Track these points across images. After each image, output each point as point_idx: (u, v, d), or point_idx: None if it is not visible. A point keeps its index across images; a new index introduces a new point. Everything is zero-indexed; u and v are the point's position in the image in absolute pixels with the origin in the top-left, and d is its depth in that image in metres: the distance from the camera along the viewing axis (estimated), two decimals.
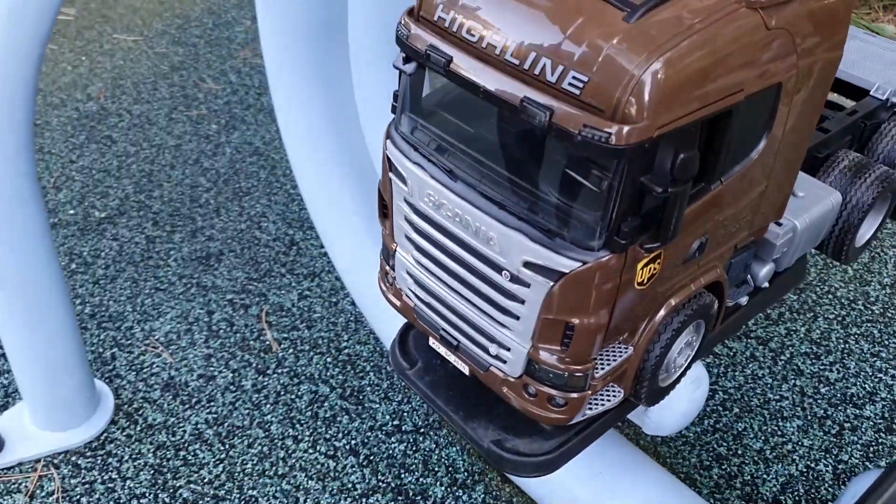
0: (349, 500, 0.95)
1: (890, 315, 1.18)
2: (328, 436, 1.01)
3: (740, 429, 1.03)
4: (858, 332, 1.15)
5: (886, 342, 1.14)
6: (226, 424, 1.02)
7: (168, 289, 1.18)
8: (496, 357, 0.60)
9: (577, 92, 0.48)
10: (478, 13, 0.52)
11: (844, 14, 0.58)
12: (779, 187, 0.64)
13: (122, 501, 0.94)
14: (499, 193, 0.54)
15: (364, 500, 0.95)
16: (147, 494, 0.95)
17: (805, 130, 0.63)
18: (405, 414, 1.03)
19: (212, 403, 1.04)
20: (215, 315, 1.15)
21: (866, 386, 1.08)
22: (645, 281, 0.56)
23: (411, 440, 1.00)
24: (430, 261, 0.60)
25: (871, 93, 0.83)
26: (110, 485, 0.96)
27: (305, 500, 0.94)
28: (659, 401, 0.67)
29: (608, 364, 0.59)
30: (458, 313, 0.61)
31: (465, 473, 0.97)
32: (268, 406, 1.04)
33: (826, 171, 0.76)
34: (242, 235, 1.27)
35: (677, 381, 0.67)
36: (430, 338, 0.65)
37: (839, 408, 1.06)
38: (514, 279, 0.55)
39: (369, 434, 1.01)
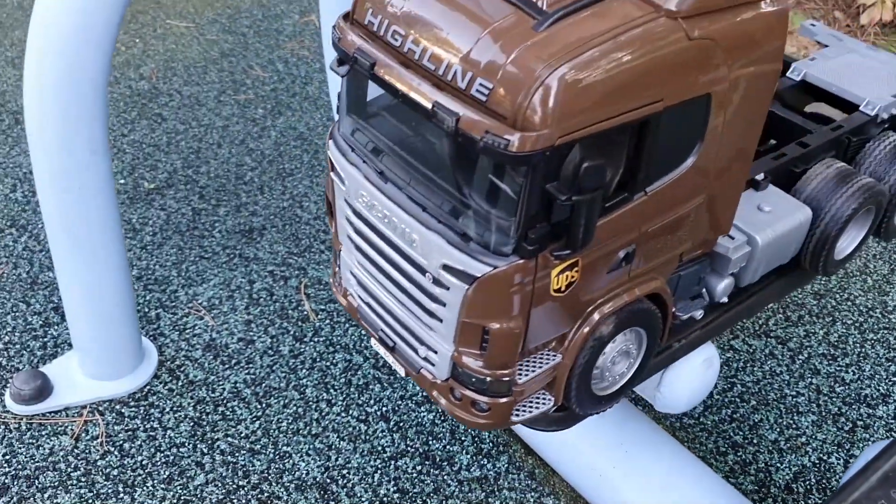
0: (378, 461, 0.99)
1: None
2: (360, 402, 1.05)
3: (756, 420, 1.07)
4: (875, 337, 1.19)
5: None
6: (263, 385, 1.07)
7: (212, 258, 1.24)
8: (425, 359, 0.62)
9: (484, 99, 0.49)
10: (403, 18, 0.54)
11: (779, 25, 0.58)
12: (721, 201, 0.64)
13: (162, 449, 0.99)
14: (422, 196, 0.56)
15: (392, 462, 0.99)
16: (186, 444, 1.00)
17: (746, 143, 0.62)
18: None
19: (250, 365, 1.09)
20: (256, 284, 1.20)
21: (880, 388, 1.12)
22: (562, 288, 0.56)
23: (440, 411, 1.05)
24: (367, 261, 0.63)
25: (860, 108, 0.82)
26: (151, 433, 1.01)
27: (337, 459, 0.99)
28: (600, 410, 0.66)
29: (533, 371, 0.59)
30: (393, 315, 0.63)
31: (490, 444, 1.01)
32: (303, 371, 1.09)
33: (807, 180, 0.75)
34: (284, 213, 1.32)
35: (623, 390, 0.66)
36: (372, 334, 0.66)
37: (853, 406, 1.09)
38: (436, 281, 0.57)
39: (400, 402, 1.05)
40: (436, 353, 0.60)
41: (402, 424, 1.03)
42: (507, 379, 0.58)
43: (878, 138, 0.81)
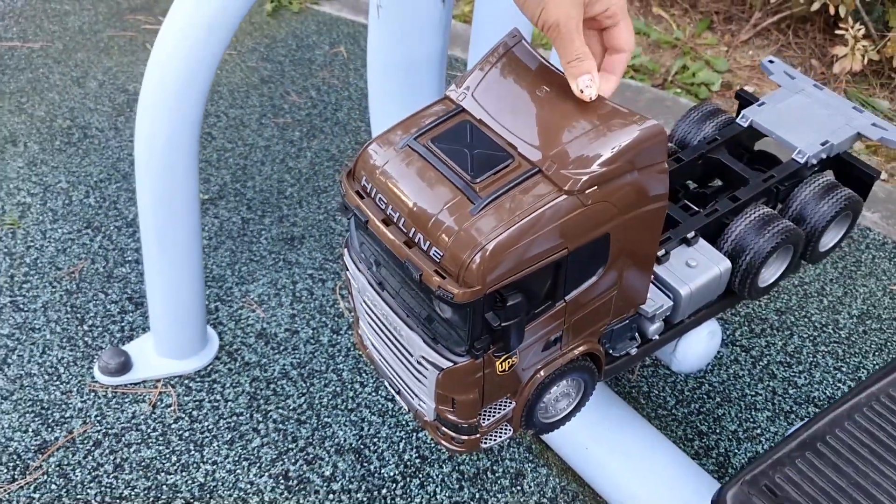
0: (403, 433, 1.19)
1: (853, 339, 1.41)
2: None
3: (720, 413, 1.27)
4: (826, 349, 1.39)
5: (847, 360, 1.37)
6: (307, 368, 1.27)
7: (260, 260, 1.44)
8: (420, 405, 0.80)
9: (438, 260, 0.66)
10: (385, 189, 0.70)
11: (661, 183, 0.71)
12: (631, 289, 0.79)
13: (224, 416, 1.19)
14: (406, 304, 0.74)
15: (415, 434, 1.19)
16: (244, 413, 1.20)
17: (645, 254, 0.77)
18: None
19: (296, 351, 1.29)
20: (298, 284, 1.40)
21: (827, 391, 1.32)
22: (506, 370, 0.73)
23: None
24: (377, 333, 0.82)
25: (792, 156, 0.96)
26: (215, 403, 1.20)
27: (369, 429, 1.19)
28: (552, 430, 0.85)
29: (493, 416, 0.78)
30: (396, 371, 0.82)
31: None
32: (340, 358, 1.29)
33: (736, 223, 0.90)
34: (320, 225, 1.52)
35: (569, 417, 0.86)
36: (384, 380, 0.86)
37: (802, 406, 1.29)
38: (419, 362, 0.75)
39: None
40: (424, 403, 0.79)
41: None
42: (473, 424, 0.78)
43: (808, 181, 0.95)
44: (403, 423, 1.20)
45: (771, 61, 1.09)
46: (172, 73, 1.01)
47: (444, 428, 0.79)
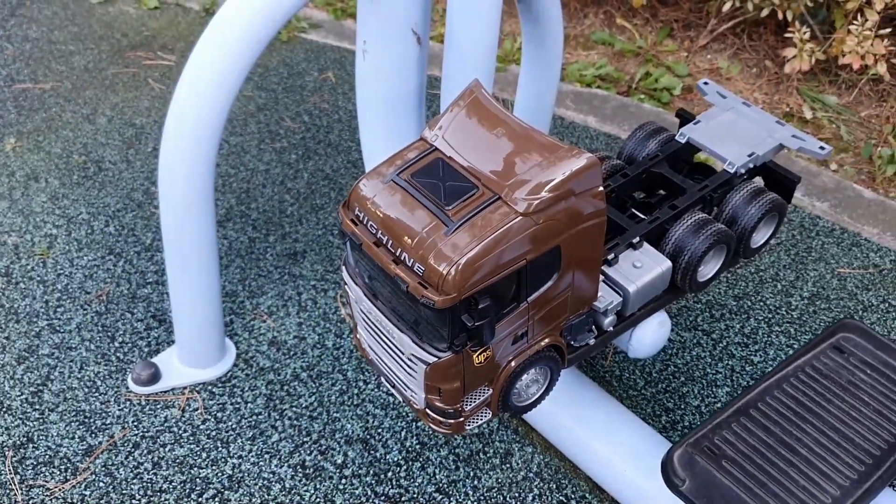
0: (404, 423, 1.35)
1: (804, 319, 1.57)
2: None
3: (684, 391, 1.43)
4: (779, 329, 1.55)
5: (799, 338, 1.54)
6: (315, 370, 1.42)
7: (267, 275, 1.59)
8: (412, 396, 0.95)
9: (421, 274, 0.81)
10: (375, 218, 0.86)
11: (599, 203, 0.87)
12: (583, 289, 0.94)
13: (245, 416, 1.35)
14: (396, 311, 0.89)
15: (414, 423, 1.35)
16: (262, 413, 1.35)
17: (591, 261, 0.92)
18: None
19: (304, 355, 1.45)
20: (303, 295, 1.56)
21: None
22: (483, 362, 0.88)
23: None
24: (373, 337, 0.97)
25: (724, 167, 1.11)
26: (236, 405, 1.36)
27: (373, 421, 1.35)
28: (526, 412, 1.01)
29: (474, 402, 0.93)
30: (390, 368, 0.97)
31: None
32: (344, 359, 1.44)
33: (675, 228, 1.04)
34: (320, 239, 1.68)
35: (539, 400, 1.01)
36: (381, 377, 1.02)
37: None
38: (409, 359, 0.90)
39: None
40: (416, 394, 0.95)
41: None
42: (458, 409, 0.93)
43: (738, 188, 1.10)
44: (403, 414, 1.36)
45: (706, 83, 1.26)
46: (191, 117, 1.16)
47: (433, 414, 0.95)
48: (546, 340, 0.94)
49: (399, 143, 1.06)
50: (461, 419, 0.94)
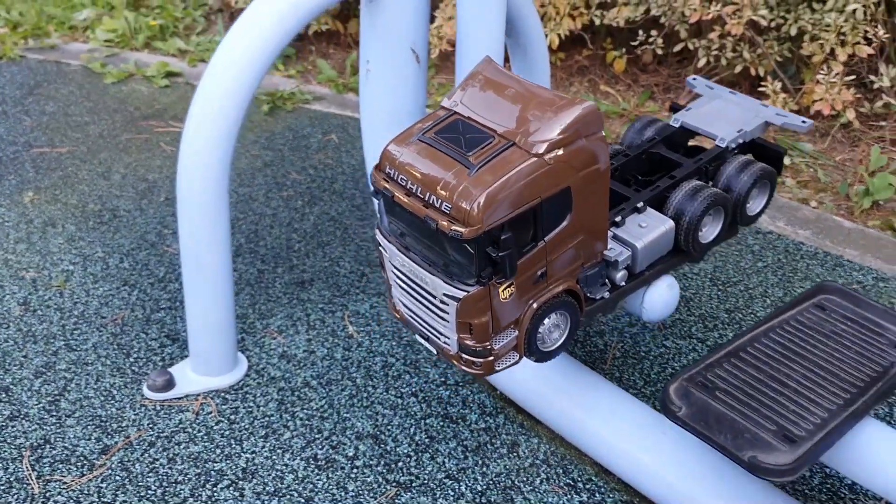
0: (412, 420, 1.39)
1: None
2: (396, 386, 1.46)
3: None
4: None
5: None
6: (325, 378, 1.47)
7: (276, 300, 1.66)
8: (445, 343, 1.01)
9: (448, 211, 0.90)
10: (404, 170, 0.95)
11: (602, 149, 0.96)
12: (592, 236, 1.02)
13: (258, 418, 1.39)
14: (429, 258, 0.97)
15: (423, 420, 1.39)
16: (274, 415, 1.39)
17: (599, 206, 1.00)
18: (448, 374, 1.49)
19: (314, 366, 1.50)
20: (311, 316, 1.62)
21: None
22: (508, 297, 0.95)
23: (454, 389, 1.45)
24: (407, 291, 1.04)
25: (715, 142, 1.22)
26: (249, 409, 1.40)
27: (383, 420, 1.39)
28: (550, 358, 1.06)
29: (502, 342, 0.99)
30: (424, 320, 1.04)
31: (492, 407, 1.42)
32: (353, 368, 1.49)
33: (675, 194, 1.13)
34: (326, 270, 1.75)
35: (563, 345, 1.06)
36: (415, 333, 1.08)
37: None
38: (441, 301, 0.96)
39: (424, 385, 1.46)
40: (449, 338, 1.02)
41: (427, 398, 1.43)
42: (488, 347, 0.99)
43: (729, 160, 1.20)
44: (413, 413, 1.40)
45: (694, 78, 1.38)
46: (210, 116, 1.27)
47: (465, 356, 1.01)
48: (563, 285, 1.01)
49: None
50: (491, 358, 1.00)
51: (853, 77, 2.20)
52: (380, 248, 1.06)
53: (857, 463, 0.99)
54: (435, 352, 1.07)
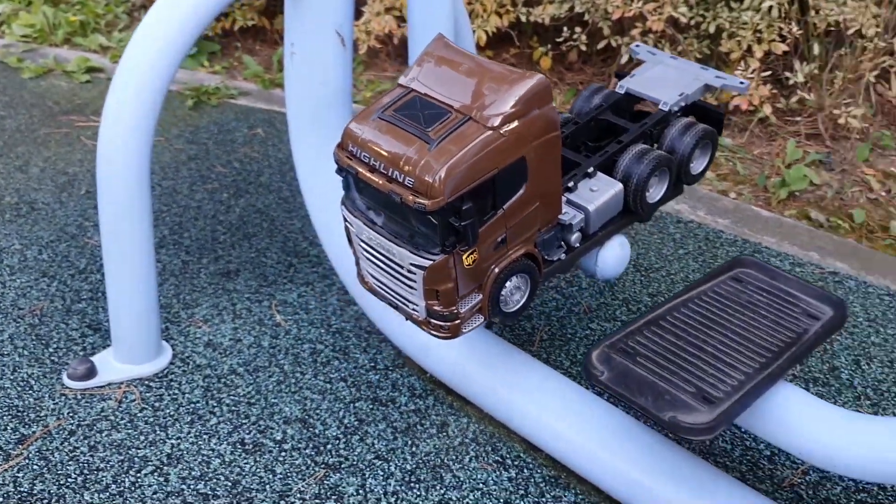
0: (342, 404, 1.38)
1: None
2: (325, 371, 1.45)
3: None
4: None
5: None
6: (252, 365, 1.46)
7: (202, 290, 1.64)
8: (413, 309, 1.06)
9: (411, 185, 0.94)
10: (366, 147, 1.00)
11: (553, 120, 1.01)
12: (547, 204, 1.06)
13: (183, 404, 1.36)
14: (394, 230, 1.01)
15: (352, 404, 1.38)
16: (200, 401, 1.37)
17: (552, 173, 1.04)
18: (378, 359, 1.48)
19: (241, 354, 1.48)
20: (237, 305, 1.60)
21: None
22: (471, 263, 1.00)
23: (383, 373, 1.45)
24: (375, 263, 1.08)
25: (659, 106, 1.27)
26: (174, 396, 1.38)
27: (311, 404, 1.38)
28: (514, 319, 1.13)
29: (467, 305, 1.04)
30: (392, 289, 1.07)
31: (421, 389, 1.42)
32: (281, 355, 1.48)
33: (622, 158, 1.18)
34: (253, 261, 1.74)
35: (525, 306, 1.10)
36: (385, 302, 1.11)
37: None
38: (409, 271, 1.01)
39: (353, 370, 1.46)
40: (417, 305, 1.06)
41: (356, 382, 1.43)
42: (454, 311, 1.04)
43: (672, 123, 1.25)
44: (342, 397, 1.40)
45: (637, 45, 1.41)
46: (131, 93, 1.25)
47: (433, 321, 1.05)
48: (522, 249, 1.06)
49: (329, 141, 1.17)
50: (458, 322, 1.04)
51: (769, 73, 2.28)
52: (346, 223, 1.09)
53: (772, 424, 1.02)
54: (404, 318, 1.10)
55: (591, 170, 1.19)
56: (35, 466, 1.25)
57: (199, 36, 1.30)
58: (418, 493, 1.24)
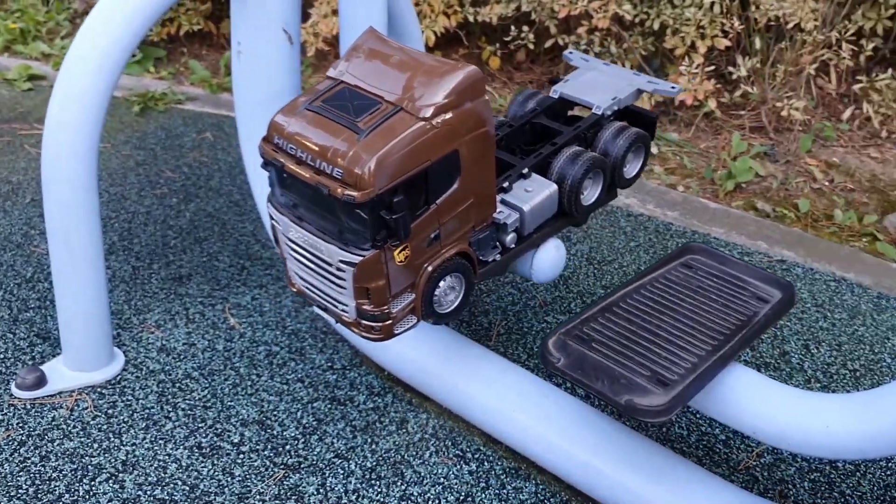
0: (299, 405, 1.37)
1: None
2: (281, 373, 1.44)
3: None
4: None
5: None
6: (207, 369, 1.44)
7: (153, 296, 1.61)
8: (343, 310, 1.02)
9: (340, 177, 0.91)
10: (293, 139, 0.95)
11: (486, 112, 0.99)
12: (481, 198, 1.04)
13: (137, 410, 1.34)
14: (323, 226, 0.97)
15: (310, 404, 1.37)
16: (155, 406, 1.35)
17: (486, 168, 1.02)
18: (335, 359, 1.48)
19: (195, 358, 1.46)
20: (190, 310, 1.58)
21: None
22: (403, 260, 0.97)
23: (341, 373, 1.45)
24: (303, 263, 1.04)
25: (592, 110, 1.27)
26: (127, 402, 1.36)
27: (269, 406, 1.37)
28: (448, 321, 1.10)
29: (399, 305, 1.00)
30: (321, 290, 1.04)
31: (380, 387, 1.42)
32: (237, 358, 1.47)
33: (556, 160, 1.17)
34: (205, 265, 1.72)
35: (459, 308, 1.08)
36: (314, 305, 1.08)
37: None
38: (338, 268, 0.97)
39: (310, 370, 1.45)
40: (347, 306, 1.02)
41: (314, 383, 1.42)
42: (385, 311, 1.00)
43: (606, 127, 1.25)
44: (299, 398, 1.39)
45: (570, 52, 1.42)
46: (76, 91, 1.23)
47: (364, 322, 1.02)
48: (457, 248, 1.04)
49: None
50: (389, 322, 1.01)
51: (713, 68, 2.33)
52: (273, 221, 1.06)
53: (726, 404, 1.04)
54: (334, 321, 1.07)
55: (525, 171, 1.17)
56: None
57: (142, 37, 1.28)
58: (379, 489, 1.24)
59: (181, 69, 2.69)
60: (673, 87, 1.31)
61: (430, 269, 1.01)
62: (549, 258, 1.18)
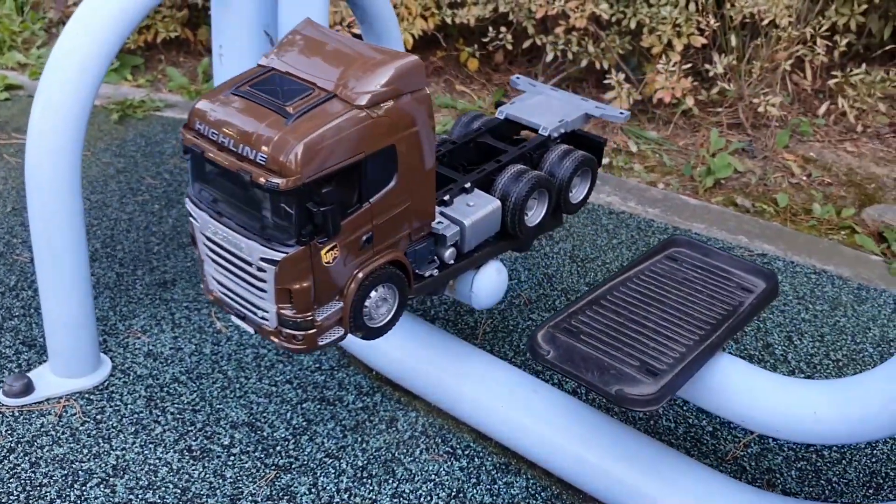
0: (289, 406, 1.37)
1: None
2: (270, 374, 1.44)
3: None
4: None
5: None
6: (195, 372, 1.43)
7: (139, 301, 1.61)
8: (263, 318, 0.95)
9: (264, 162, 0.85)
10: (215, 125, 0.90)
11: (427, 108, 0.94)
12: (420, 203, 0.98)
13: (126, 415, 1.34)
14: (243, 221, 0.91)
15: (299, 405, 1.37)
16: (143, 411, 1.35)
17: (426, 168, 0.97)
18: (323, 360, 1.48)
19: (182, 362, 1.46)
20: (176, 314, 1.58)
21: None
22: (331, 261, 0.90)
23: (329, 373, 1.45)
24: (219, 265, 0.97)
25: (538, 132, 1.23)
26: (116, 407, 1.35)
27: (258, 408, 1.37)
28: (378, 336, 1.01)
29: (326, 313, 0.93)
30: (239, 295, 0.97)
31: (368, 387, 1.42)
32: (224, 362, 1.46)
33: (500, 177, 1.13)
34: (189, 269, 1.71)
35: (391, 323, 1.02)
36: (231, 314, 1.01)
37: None
38: (258, 269, 0.90)
39: (299, 372, 1.45)
40: (267, 312, 0.94)
41: (302, 384, 1.42)
42: (309, 319, 0.92)
43: (552, 149, 1.21)
44: (288, 399, 1.39)
45: (518, 77, 1.42)
46: (58, 97, 1.23)
47: (285, 330, 0.94)
48: (390, 255, 0.98)
49: None
50: (313, 331, 0.94)
51: (690, 66, 2.35)
52: (191, 218, 0.99)
53: (714, 393, 1.05)
54: (252, 331, 0.99)
55: (468, 185, 1.13)
56: None
57: (123, 42, 1.28)
58: (371, 487, 1.24)
59: (159, 76, 2.68)
60: (621, 113, 1.30)
61: (360, 275, 0.94)
62: (490, 281, 1.15)
